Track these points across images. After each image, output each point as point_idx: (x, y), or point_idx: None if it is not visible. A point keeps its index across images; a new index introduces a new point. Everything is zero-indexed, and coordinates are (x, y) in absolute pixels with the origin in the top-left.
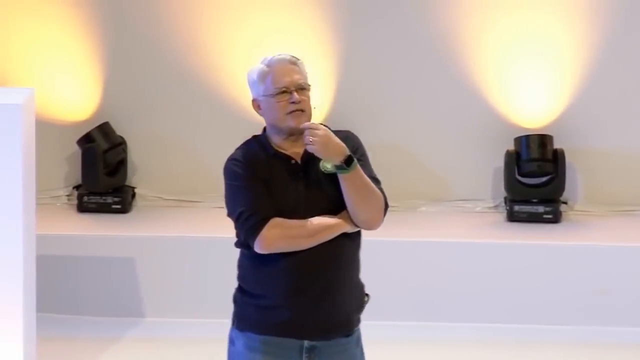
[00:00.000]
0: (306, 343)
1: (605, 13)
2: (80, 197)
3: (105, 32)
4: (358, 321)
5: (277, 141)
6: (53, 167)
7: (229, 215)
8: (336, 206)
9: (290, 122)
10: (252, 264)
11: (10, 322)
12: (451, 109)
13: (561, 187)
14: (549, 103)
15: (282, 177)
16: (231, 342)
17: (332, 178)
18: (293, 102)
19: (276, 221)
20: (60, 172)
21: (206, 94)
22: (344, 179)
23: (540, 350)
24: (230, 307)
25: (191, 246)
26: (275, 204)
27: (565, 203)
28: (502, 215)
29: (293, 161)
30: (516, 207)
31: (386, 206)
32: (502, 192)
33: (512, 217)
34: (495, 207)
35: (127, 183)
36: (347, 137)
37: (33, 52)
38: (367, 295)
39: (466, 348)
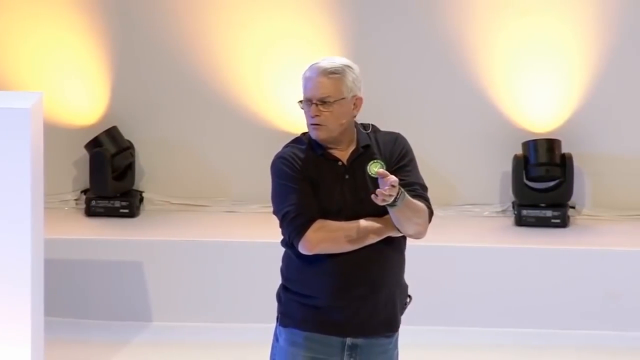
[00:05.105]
0: (349, 341)
1: (613, 18)
2: (88, 201)
3: (113, 36)
4: (400, 322)
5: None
6: (61, 171)
7: (275, 213)
8: (381, 209)
9: (312, 133)
10: (297, 263)
11: (18, 326)
12: (459, 114)
13: (569, 192)
14: (557, 107)
15: (329, 178)
16: (275, 338)
17: (377, 181)
18: (310, 115)
19: (321, 223)
20: (68, 176)
21: (214, 99)
22: (393, 211)
23: (548, 354)
24: (238, 311)
25: (199, 250)
26: (320, 205)
27: (573, 207)
28: (510, 219)
29: (340, 163)
30: (524, 212)
31: (431, 214)
32: (510, 197)
33: (520, 222)
34: (503, 211)
35: (134, 187)
36: (396, 139)
37: (41, 56)
38: (409, 296)
39: (473, 352)
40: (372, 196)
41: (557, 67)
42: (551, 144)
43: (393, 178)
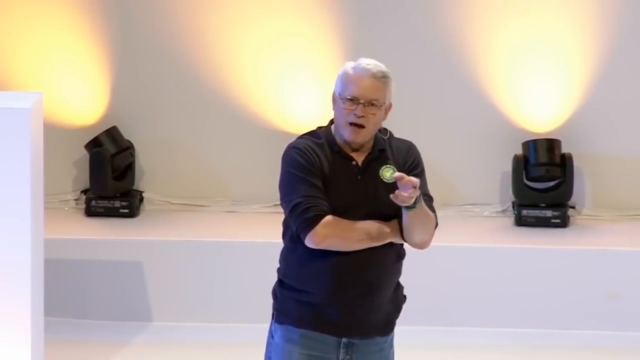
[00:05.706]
0: (344, 339)
1: (613, 18)
2: (88, 201)
3: (113, 36)
4: (395, 324)
5: (339, 140)
6: (61, 171)
7: (282, 202)
8: (388, 213)
9: (345, 134)
10: (297, 260)
11: (19, 326)
12: (459, 114)
13: (569, 192)
14: (557, 107)
15: (341, 176)
16: (271, 335)
17: (388, 186)
18: (355, 115)
19: (331, 219)
20: (68, 176)
21: (214, 98)
22: (408, 214)
23: (548, 354)
24: (238, 311)
25: (199, 250)
26: (329, 201)
27: (573, 207)
28: (510, 219)
29: (354, 162)
30: (524, 212)
31: (436, 225)
32: (510, 197)
33: (520, 222)
34: (503, 211)
35: (134, 187)
36: (410, 148)
37: (41, 56)
38: (404, 296)
39: (473, 352)
40: (392, 196)
41: (557, 67)
42: (551, 144)
43: (414, 180)
